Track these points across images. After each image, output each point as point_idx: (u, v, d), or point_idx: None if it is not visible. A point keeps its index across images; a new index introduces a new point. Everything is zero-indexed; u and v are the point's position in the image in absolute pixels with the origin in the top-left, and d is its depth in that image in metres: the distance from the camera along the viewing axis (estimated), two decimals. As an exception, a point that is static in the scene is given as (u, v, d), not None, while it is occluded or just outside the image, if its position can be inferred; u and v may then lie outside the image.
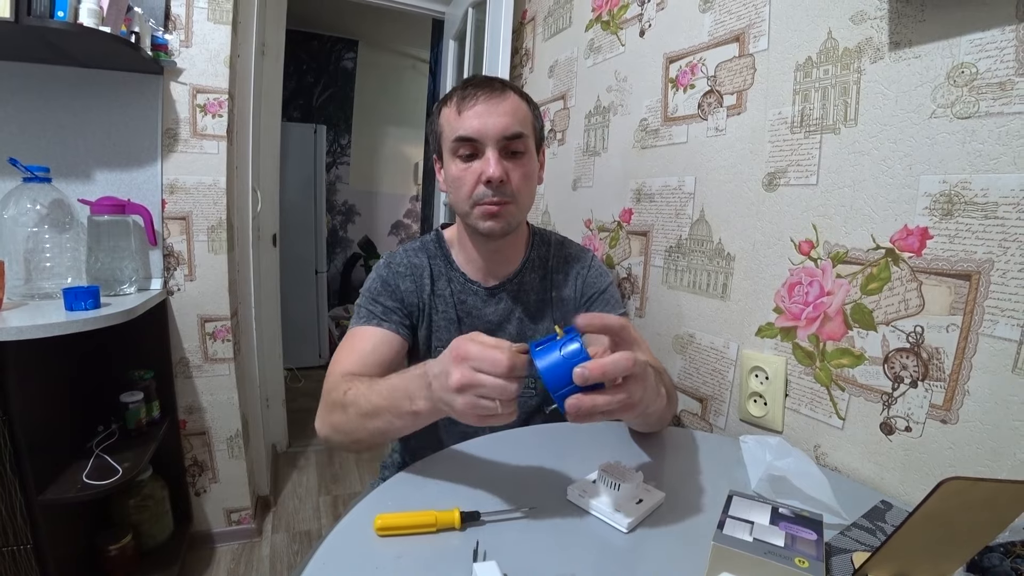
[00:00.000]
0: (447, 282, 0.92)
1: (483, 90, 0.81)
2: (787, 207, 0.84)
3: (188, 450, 1.64)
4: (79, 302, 1.14)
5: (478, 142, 0.80)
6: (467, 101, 0.81)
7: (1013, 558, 0.51)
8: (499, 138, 0.80)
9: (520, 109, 0.83)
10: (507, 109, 0.81)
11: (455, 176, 0.83)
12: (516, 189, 0.83)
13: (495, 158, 0.80)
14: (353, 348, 0.83)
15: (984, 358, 0.61)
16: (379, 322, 0.85)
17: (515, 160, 0.83)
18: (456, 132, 0.81)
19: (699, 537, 0.53)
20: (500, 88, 0.82)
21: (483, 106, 0.80)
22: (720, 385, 0.98)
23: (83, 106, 1.40)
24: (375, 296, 0.88)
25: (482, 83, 0.82)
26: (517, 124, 0.81)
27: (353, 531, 0.57)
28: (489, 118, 0.80)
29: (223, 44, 1.51)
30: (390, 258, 0.93)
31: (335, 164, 4.20)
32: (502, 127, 0.80)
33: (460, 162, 0.82)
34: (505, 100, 0.81)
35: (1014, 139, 0.58)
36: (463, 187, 0.82)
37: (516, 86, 0.86)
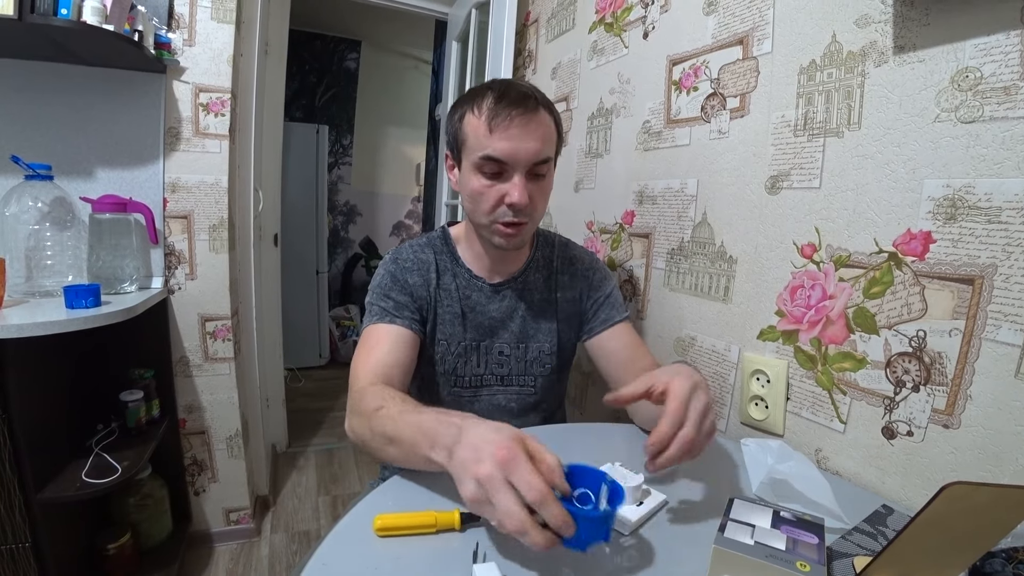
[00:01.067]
0: (452, 277, 0.93)
1: (517, 109, 0.78)
2: (790, 210, 0.84)
3: (188, 449, 1.64)
4: (80, 300, 1.14)
5: (506, 164, 0.79)
6: (500, 119, 0.77)
7: (1015, 564, 0.51)
8: (528, 164, 0.79)
9: (550, 129, 0.82)
10: (540, 133, 0.79)
11: (476, 191, 0.82)
12: (535, 209, 0.84)
13: (522, 184, 0.79)
14: (372, 350, 0.82)
15: (987, 363, 0.61)
16: (391, 319, 0.85)
17: (537, 182, 0.83)
18: (485, 150, 0.79)
19: (700, 540, 0.53)
20: (534, 107, 0.79)
21: (517, 129, 0.77)
22: (721, 388, 0.98)
23: (86, 104, 1.40)
24: (386, 291, 0.88)
25: (517, 100, 0.78)
26: (546, 149, 0.81)
27: (352, 531, 0.57)
28: (522, 143, 0.78)
29: (226, 43, 1.51)
30: (396, 253, 0.93)
31: (337, 164, 4.20)
32: (534, 153, 0.79)
33: (483, 178, 0.81)
34: (538, 123, 0.79)
35: (1018, 143, 0.58)
36: (483, 203, 0.82)
37: (545, 98, 0.83)
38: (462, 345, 0.92)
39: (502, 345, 0.94)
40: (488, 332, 0.94)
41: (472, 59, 2.04)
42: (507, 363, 0.95)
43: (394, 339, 0.84)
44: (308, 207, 3.45)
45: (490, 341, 0.94)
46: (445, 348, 0.92)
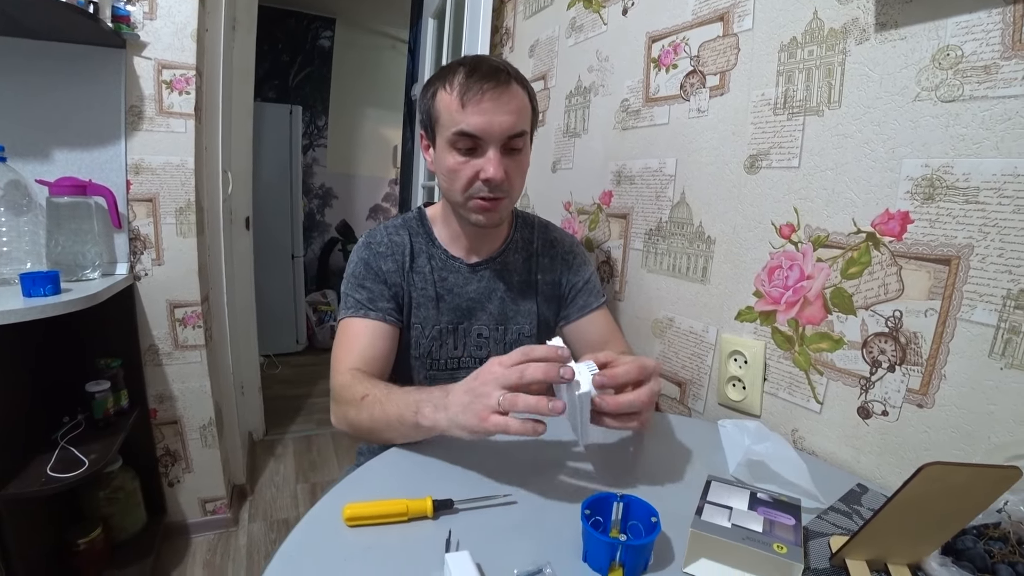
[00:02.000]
0: (427, 259, 0.91)
1: (489, 82, 0.76)
2: (769, 190, 0.83)
3: (160, 440, 1.60)
4: (38, 288, 1.09)
5: (480, 139, 0.78)
6: (472, 94, 0.76)
7: (986, 540, 0.51)
8: (502, 138, 0.78)
9: (523, 103, 0.81)
10: (513, 107, 0.78)
11: (451, 168, 0.81)
12: (511, 185, 0.83)
13: (497, 159, 0.78)
14: (351, 345, 0.84)
15: (961, 343, 0.61)
16: (366, 312, 0.85)
17: (513, 157, 0.81)
18: (458, 126, 0.77)
19: (678, 523, 0.53)
20: (506, 81, 0.78)
21: (489, 103, 0.76)
22: (699, 369, 0.98)
23: (40, 81, 1.33)
24: (360, 281, 0.88)
25: (488, 74, 0.77)
26: (520, 123, 0.79)
27: (322, 521, 0.55)
28: (495, 116, 0.77)
29: (190, 17, 1.44)
30: (370, 237, 0.92)
31: (312, 146, 4.10)
32: (507, 127, 0.78)
33: (458, 155, 0.80)
34: (511, 96, 0.78)
35: (997, 123, 0.58)
36: (459, 180, 0.81)
37: (518, 73, 0.82)
38: (436, 328, 0.91)
39: (481, 327, 0.93)
40: (466, 314, 0.92)
41: (448, 37, 1.99)
42: (486, 345, 0.94)
43: (371, 333, 0.84)
44: (282, 190, 3.37)
45: (468, 323, 0.93)
46: (420, 332, 0.91)
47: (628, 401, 0.61)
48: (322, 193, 4.22)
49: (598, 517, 0.53)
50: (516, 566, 0.48)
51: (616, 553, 0.48)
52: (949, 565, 0.49)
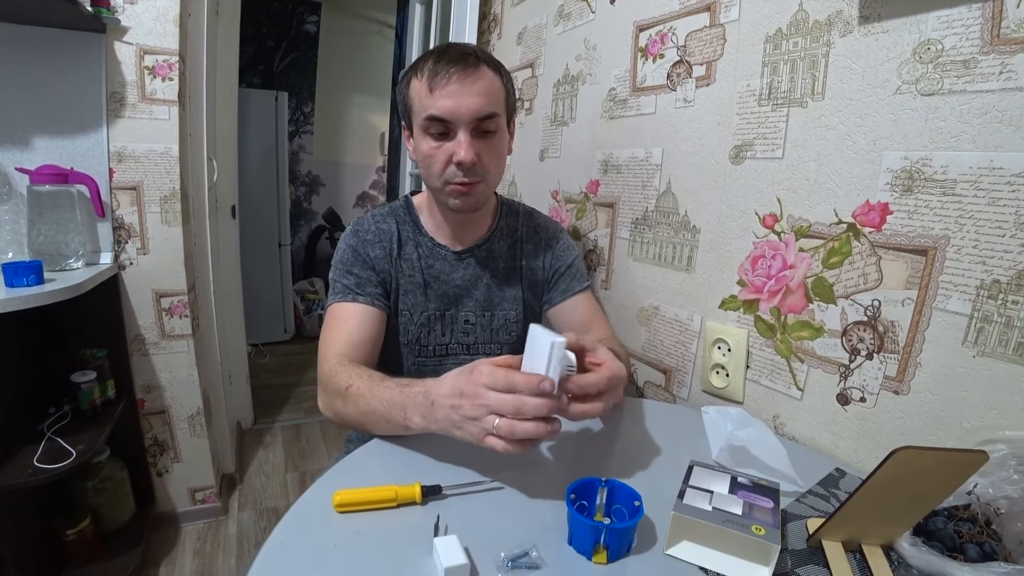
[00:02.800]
0: (415, 247, 0.92)
1: (456, 66, 0.77)
2: (753, 180, 0.84)
3: (148, 430, 1.60)
4: (20, 278, 1.08)
5: (450, 123, 0.78)
6: (439, 78, 0.77)
7: (956, 521, 0.53)
8: (471, 120, 0.78)
9: (494, 86, 0.81)
10: (481, 88, 0.78)
11: (426, 153, 0.82)
12: (486, 168, 0.83)
13: (467, 141, 0.78)
14: (340, 329, 0.84)
15: (936, 331, 0.63)
16: (354, 296, 0.85)
17: (486, 139, 0.82)
18: (427, 110, 0.78)
19: (660, 507, 0.54)
20: (474, 64, 0.78)
21: (456, 85, 0.77)
22: (683, 357, 0.99)
23: (18, 67, 1.30)
24: (348, 267, 0.88)
25: (455, 58, 0.78)
26: (490, 104, 0.79)
27: (312, 508, 0.56)
28: (462, 99, 0.77)
29: (172, 1, 1.41)
30: (357, 225, 0.92)
31: (298, 133, 4.04)
32: (475, 109, 0.78)
33: (431, 140, 0.80)
34: (479, 78, 0.78)
35: (975, 117, 0.59)
36: (434, 165, 0.82)
37: (490, 57, 0.83)
38: (424, 315, 0.92)
39: (467, 313, 0.94)
40: (452, 301, 0.93)
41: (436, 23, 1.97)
42: (473, 331, 0.95)
43: (360, 317, 0.85)
44: (268, 178, 3.33)
45: (455, 310, 0.93)
46: (408, 318, 0.91)
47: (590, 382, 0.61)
48: (309, 181, 4.18)
49: (583, 501, 0.55)
50: (503, 549, 0.49)
51: (600, 536, 0.50)
52: (920, 545, 0.51)
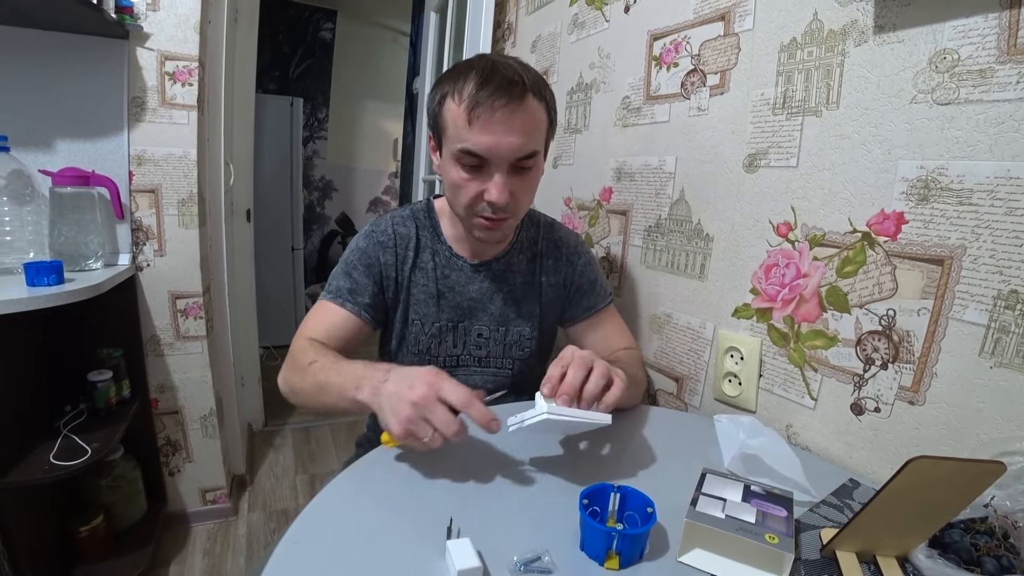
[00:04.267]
0: (431, 255, 0.90)
1: (500, 99, 0.70)
2: (767, 189, 0.84)
3: (161, 429, 1.61)
4: (41, 278, 1.10)
5: (487, 160, 0.74)
6: (481, 110, 0.70)
7: (973, 534, 0.53)
8: (511, 160, 0.74)
9: (537, 119, 0.75)
10: (524, 125, 0.73)
11: (455, 182, 0.78)
12: (518, 203, 0.79)
13: (502, 182, 0.74)
14: (320, 321, 0.85)
15: (953, 342, 0.63)
16: (343, 302, 0.86)
17: (521, 175, 0.77)
18: (463, 142, 0.73)
19: (673, 514, 0.54)
20: (519, 95, 0.71)
21: (499, 124, 0.71)
22: (696, 365, 0.99)
23: (43, 72, 1.33)
24: (349, 269, 0.88)
25: (501, 88, 0.70)
26: (531, 143, 0.74)
27: (324, 510, 0.57)
28: (503, 137, 0.72)
29: (193, 9, 1.44)
30: (374, 226, 0.91)
31: (312, 138, 4.09)
32: (516, 148, 0.73)
33: (462, 170, 0.76)
34: (523, 112, 0.72)
35: (992, 127, 0.59)
36: (461, 195, 0.78)
37: (536, 80, 0.75)
38: (436, 326, 0.91)
39: (481, 327, 0.93)
40: (467, 313, 0.92)
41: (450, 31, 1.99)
42: (486, 345, 0.93)
43: (343, 320, 0.86)
44: (283, 182, 3.36)
45: (469, 322, 0.92)
46: (419, 328, 0.91)
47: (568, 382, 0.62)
48: (322, 185, 4.22)
49: (596, 507, 0.55)
50: (515, 553, 0.49)
51: (613, 542, 0.50)
52: (936, 557, 0.50)
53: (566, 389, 0.61)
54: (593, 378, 0.63)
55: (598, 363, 0.65)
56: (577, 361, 0.64)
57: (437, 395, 0.58)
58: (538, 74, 0.77)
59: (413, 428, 0.58)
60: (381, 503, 0.59)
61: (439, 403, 0.58)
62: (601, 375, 0.64)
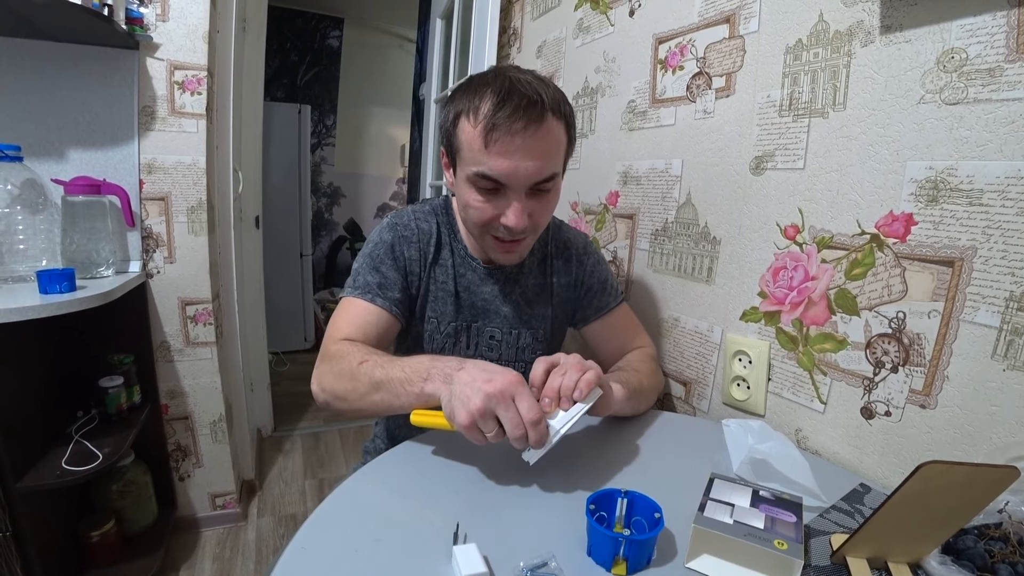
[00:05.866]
0: (450, 252, 0.89)
1: (519, 121, 0.67)
2: (773, 191, 0.84)
3: (171, 435, 1.63)
4: (54, 285, 1.11)
5: (504, 184, 0.72)
6: (499, 133, 0.68)
7: (986, 540, 0.52)
8: (529, 184, 0.72)
9: (557, 139, 0.73)
10: (543, 148, 0.70)
11: (469, 204, 0.75)
12: (536, 224, 0.78)
13: (520, 208, 0.72)
14: (351, 317, 0.81)
15: (964, 344, 0.62)
16: (373, 297, 0.82)
17: (540, 197, 0.75)
18: (479, 166, 0.70)
19: (681, 519, 0.54)
20: (538, 117, 0.68)
21: (518, 148, 0.68)
22: (704, 369, 0.99)
23: (55, 82, 1.35)
24: (378, 262, 0.84)
25: (519, 110, 0.67)
26: (550, 166, 0.72)
27: (332, 516, 0.57)
28: (521, 161, 0.69)
29: (201, 19, 1.46)
30: (397, 218, 0.88)
31: (320, 145, 4.13)
32: (534, 172, 0.71)
33: (477, 193, 0.74)
34: (544, 135, 0.70)
35: (1001, 126, 0.58)
36: (478, 218, 0.76)
37: (556, 96, 0.72)
38: (452, 325, 0.90)
39: (493, 329, 0.92)
40: (480, 313, 0.91)
41: (456, 37, 2.00)
42: (498, 348, 0.93)
43: (376, 316, 0.82)
44: (291, 189, 3.39)
45: (481, 323, 0.92)
46: (435, 327, 0.90)
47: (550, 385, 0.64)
48: (330, 192, 4.25)
49: (603, 512, 0.54)
50: (522, 558, 0.49)
51: (620, 548, 0.49)
52: (949, 564, 0.49)
53: (548, 392, 0.63)
54: (568, 374, 0.64)
55: (565, 359, 0.67)
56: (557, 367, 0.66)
57: (513, 397, 0.58)
58: (557, 89, 0.74)
59: (480, 421, 0.57)
60: (388, 508, 0.59)
61: (512, 405, 0.57)
62: (574, 368, 0.65)
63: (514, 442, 0.58)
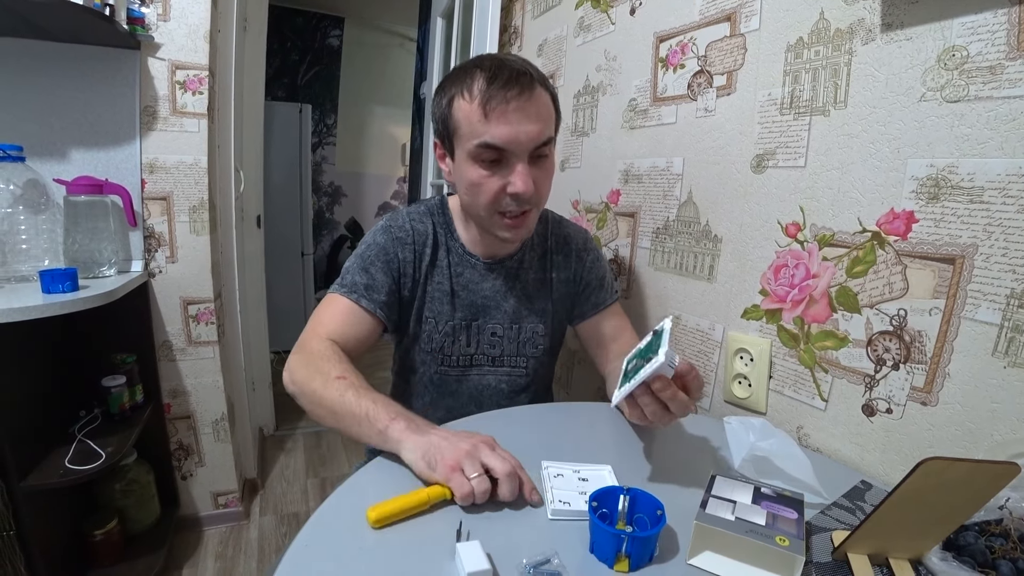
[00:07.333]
0: (446, 252, 0.90)
1: (513, 88, 0.71)
2: (775, 189, 0.84)
3: (173, 434, 1.63)
4: (56, 284, 1.12)
5: (507, 151, 0.74)
6: (496, 103, 0.71)
7: (987, 536, 0.52)
8: (531, 148, 0.75)
9: (548, 108, 0.77)
10: (539, 113, 0.74)
11: (474, 181, 0.77)
12: (540, 195, 0.80)
13: (526, 172, 0.75)
14: (335, 314, 0.82)
15: (965, 341, 0.62)
16: (358, 298, 0.83)
17: (540, 164, 0.78)
18: (481, 137, 0.73)
19: (683, 516, 0.54)
20: (530, 85, 0.73)
21: (516, 113, 0.72)
22: (705, 367, 0.99)
23: (57, 82, 1.35)
24: (368, 263, 0.85)
25: (512, 79, 0.72)
26: (547, 129, 0.76)
27: (335, 514, 0.57)
28: (522, 126, 0.72)
29: (203, 18, 1.46)
30: (391, 221, 0.89)
31: (321, 144, 4.13)
32: (535, 136, 0.74)
33: (482, 168, 0.76)
34: (536, 101, 0.74)
35: (1002, 124, 0.58)
36: (483, 195, 0.77)
37: (540, 73, 0.77)
38: (450, 324, 0.90)
39: (495, 325, 0.92)
40: (480, 311, 0.92)
41: (457, 36, 2.00)
42: (500, 344, 0.93)
43: (358, 318, 0.83)
44: (292, 188, 3.39)
45: (482, 321, 0.92)
46: (432, 326, 0.90)
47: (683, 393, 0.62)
48: (331, 191, 4.25)
49: (605, 509, 0.55)
50: (525, 556, 0.49)
51: (622, 545, 0.49)
52: (950, 560, 0.49)
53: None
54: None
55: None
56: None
57: (487, 447, 0.60)
58: (539, 70, 0.78)
59: (464, 464, 0.58)
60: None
61: (493, 453, 0.60)
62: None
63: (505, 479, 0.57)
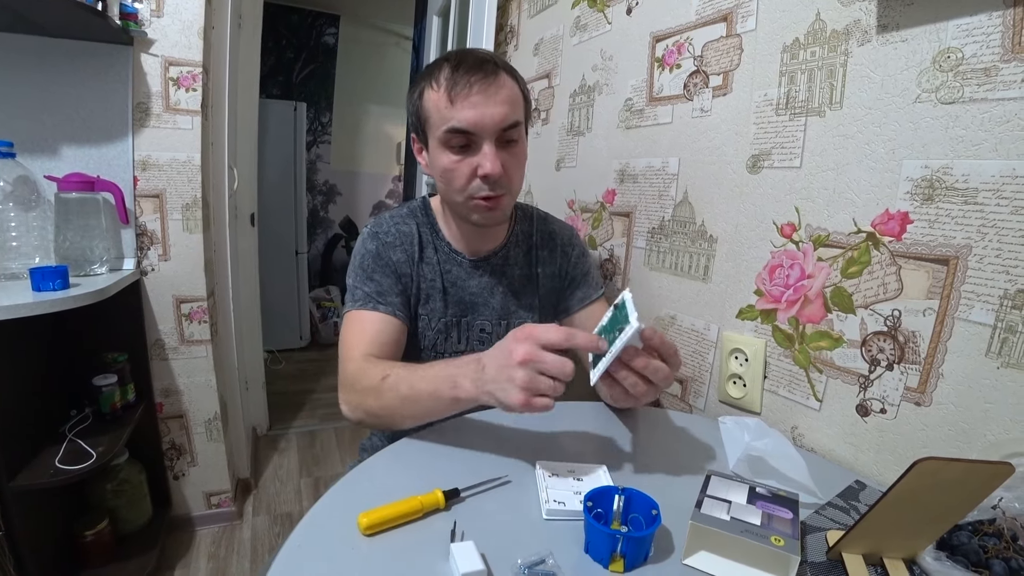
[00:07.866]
0: (433, 250, 0.91)
1: (476, 74, 0.75)
2: (770, 190, 0.84)
3: (165, 433, 1.62)
4: (47, 282, 1.10)
5: (473, 134, 0.76)
6: (460, 88, 0.74)
7: (981, 536, 0.52)
8: (496, 130, 0.76)
9: (514, 92, 0.79)
10: (504, 96, 0.76)
11: (446, 168, 0.79)
12: (511, 179, 0.81)
13: (493, 153, 0.76)
14: (362, 333, 0.82)
15: (959, 342, 0.62)
16: (375, 305, 0.83)
17: (509, 149, 0.80)
18: (448, 122, 0.76)
19: (678, 516, 0.54)
20: (493, 71, 0.76)
21: (479, 96, 0.74)
22: (700, 367, 0.99)
23: (48, 78, 1.34)
24: (369, 273, 0.86)
25: (474, 66, 0.75)
26: (513, 113, 0.78)
27: (328, 515, 0.56)
28: (486, 109, 0.75)
29: (196, 15, 1.45)
30: (376, 227, 0.90)
31: (316, 143, 4.11)
32: (500, 118, 0.76)
33: (451, 153, 0.78)
34: (501, 86, 0.76)
35: (996, 125, 0.58)
36: (456, 180, 0.79)
37: (506, 62, 0.81)
38: (443, 321, 0.91)
39: (483, 322, 0.93)
40: (469, 308, 0.92)
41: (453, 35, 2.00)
42: (489, 340, 0.93)
43: (383, 323, 0.83)
44: (286, 186, 3.38)
45: (471, 317, 0.93)
46: (426, 323, 0.91)
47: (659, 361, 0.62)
48: (326, 189, 4.23)
49: (600, 509, 0.55)
50: (519, 556, 0.49)
51: (617, 545, 0.49)
52: (944, 560, 0.50)
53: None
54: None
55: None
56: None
57: (538, 343, 0.58)
58: (505, 60, 0.81)
59: (534, 387, 0.57)
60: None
61: (544, 351, 0.58)
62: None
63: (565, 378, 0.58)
